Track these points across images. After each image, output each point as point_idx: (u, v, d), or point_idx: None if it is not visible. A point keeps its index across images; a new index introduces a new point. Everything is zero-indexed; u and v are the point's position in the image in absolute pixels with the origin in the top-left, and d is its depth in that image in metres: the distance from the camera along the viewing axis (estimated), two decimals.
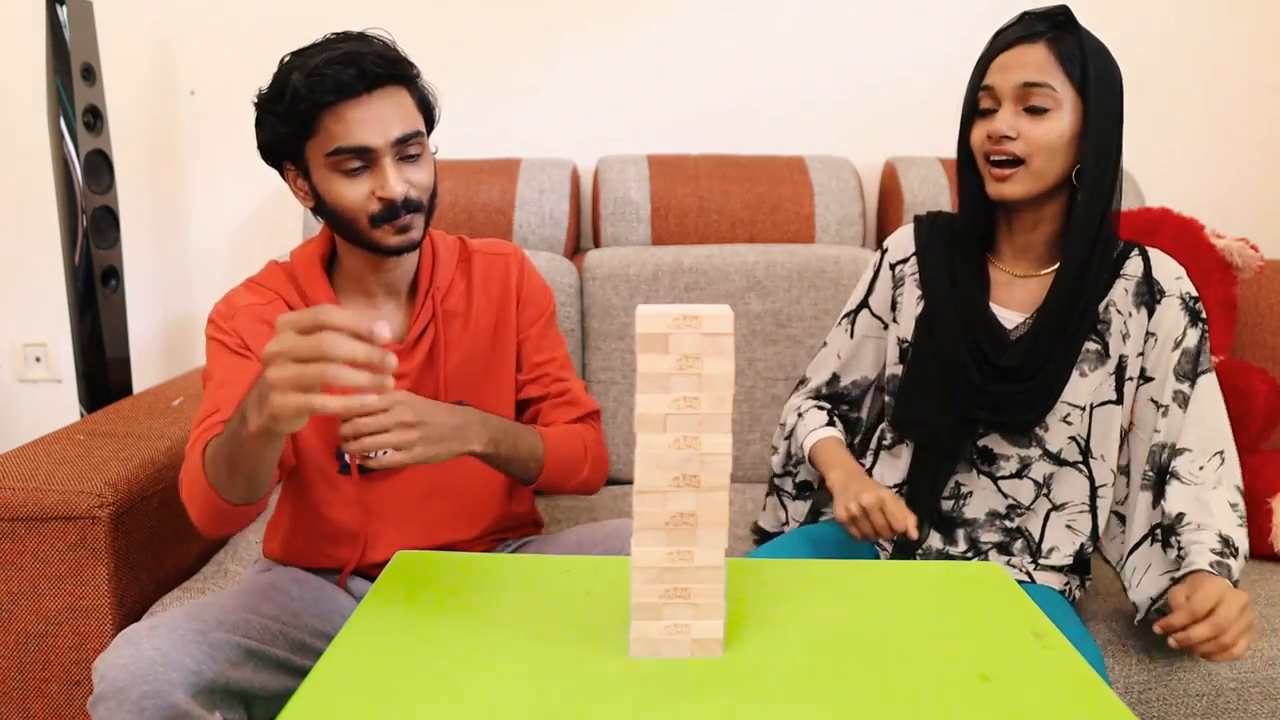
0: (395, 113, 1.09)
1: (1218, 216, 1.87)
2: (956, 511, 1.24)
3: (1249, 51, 2.14)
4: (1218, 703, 1.24)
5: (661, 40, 2.09)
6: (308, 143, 1.09)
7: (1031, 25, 1.13)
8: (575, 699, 0.74)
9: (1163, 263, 1.19)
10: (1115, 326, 1.18)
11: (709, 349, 0.75)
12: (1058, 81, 1.10)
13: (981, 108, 1.16)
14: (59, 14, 1.76)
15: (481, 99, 2.09)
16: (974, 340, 1.19)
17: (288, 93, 1.06)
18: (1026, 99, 1.11)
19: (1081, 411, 1.19)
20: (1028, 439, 1.20)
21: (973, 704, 0.74)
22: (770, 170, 1.97)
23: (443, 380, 1.19)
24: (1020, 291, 1.21)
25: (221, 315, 1.16)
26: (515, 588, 0.94)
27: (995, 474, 1.22)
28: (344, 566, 1.21)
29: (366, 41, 1.10)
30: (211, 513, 1.02)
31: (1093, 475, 1.21)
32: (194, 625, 0.98)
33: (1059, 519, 1.23)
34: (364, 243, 1.12)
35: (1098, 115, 1.11)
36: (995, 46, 1.15)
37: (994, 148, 1.13)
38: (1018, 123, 1.11)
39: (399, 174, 1.09)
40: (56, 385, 2.15)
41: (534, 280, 1.29)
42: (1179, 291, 1.17)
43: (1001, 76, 1.13)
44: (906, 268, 1.29)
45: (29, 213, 2.07)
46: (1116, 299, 1.18)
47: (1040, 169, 1.12)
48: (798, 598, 0.92)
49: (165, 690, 0.92)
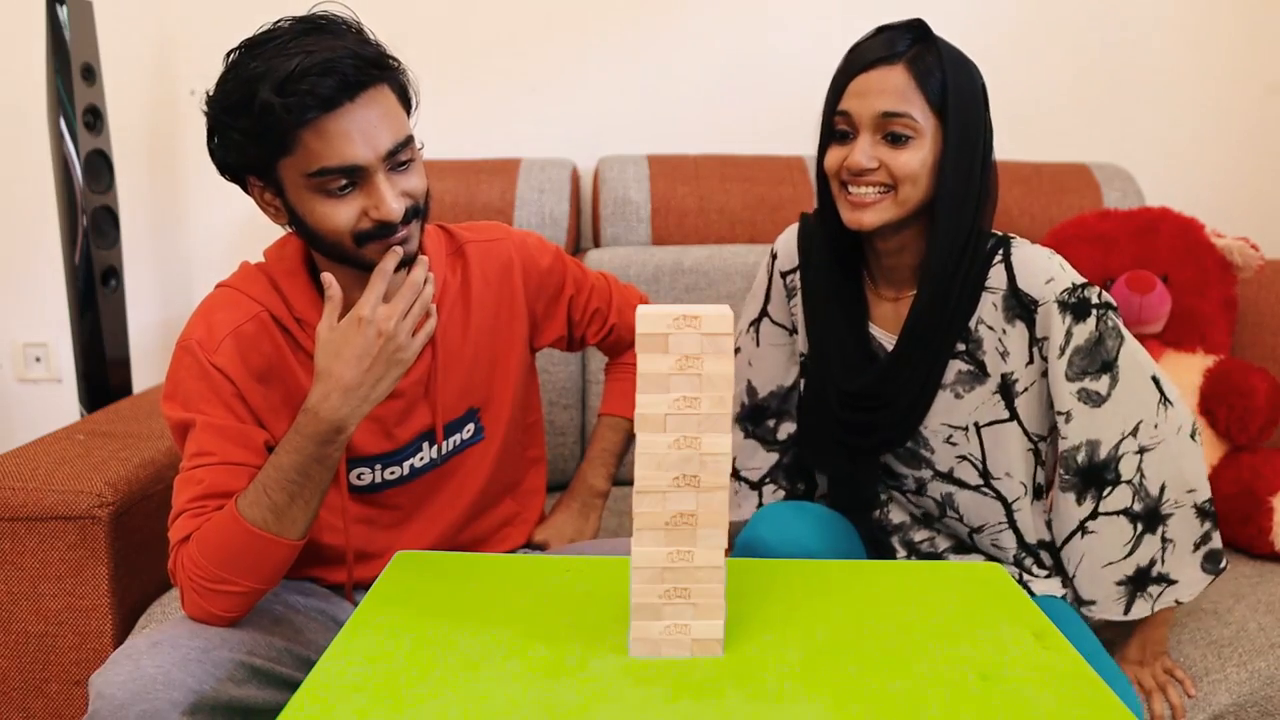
0: (383, 121, 0.97)
1: (1218, 216, 1.86)
2: (884, 519, 1.24)
3: (1249, 51, 2.14)
4: None
5: (661, 40, 2.09)
6: (281, 160, 0.96)
7: (891, 44, 1.07)
8: (575, 699, 0.74)
9: (1028, 267, 1.10)
10: (989, 344, 1.12)
11: (709, 349, 0.75)
12: (918, 109, 1.05)
13: (838, 130, 1.10)
14: (59, 14, 1.76)
15: (481, 99, 2.09)
16: (828, 367, 1.18)
17: (256, 108, 0.92)
18: (886, 128, 1.06)
19: (965, 431, 1.14)
20: (916, 460, 1.17)
21: (973, 704, 0.74)
22: (770, 170, 1.97)
23: (448, 398, 1.14)
24: (894, 314, 1.17)
25: (203, 345, 1.03)
26: (515, 588, 0.94)
27: (901, 488, 1.21)
28: (343, 584, 1.17)
29: (336, 35, 0.97)
30: (276, 569, 0.98)
31: (1001, 494, 1.16)
32: (197, 643, 0.94)
33: (982, 540, 1.20)
34: (350, 261, 1.01)
35: (958, 136, 1.06)
36: (851, 66, 1.09)
37: (854, 179, 1.08)
38: (877, 152, 1.06)
39: (393, 189, 0.98)
40: (56, 385, 2.15)
41: (537, 256, 1.23)
42: (1052, 296, 1.08)
43: (859, 103, 1.07)
44: (794, 279, 1.25)
45: (29, 213, 2.06)
46: (985, 315, 1.11)
47: (905, 197, 1.07)
48: (798, 598, 0.92)
49: (164, 710, 0.88)
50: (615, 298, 1.33)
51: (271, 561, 0.98)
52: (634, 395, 1.18)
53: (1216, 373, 1.61)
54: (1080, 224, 1.76)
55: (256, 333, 1.05)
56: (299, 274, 1.08)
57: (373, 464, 1.12)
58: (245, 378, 1.04)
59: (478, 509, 1.21)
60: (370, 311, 0.96)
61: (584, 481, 1.34)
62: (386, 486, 1.14)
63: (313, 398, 0.97)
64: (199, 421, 1.02)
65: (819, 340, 1.21)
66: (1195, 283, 1.67)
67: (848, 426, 1.19)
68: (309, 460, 0.96)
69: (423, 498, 1.17)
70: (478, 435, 1.19)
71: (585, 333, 1.31)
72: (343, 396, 0.96)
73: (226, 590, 0.97)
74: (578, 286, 1.28)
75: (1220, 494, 1.55)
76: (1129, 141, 2.14)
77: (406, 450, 1.14)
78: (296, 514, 0.97)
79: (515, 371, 1.21)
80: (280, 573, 1.00)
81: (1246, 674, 1.24)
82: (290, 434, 0.98)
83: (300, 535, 0.99)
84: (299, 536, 0.99)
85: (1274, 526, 1.49)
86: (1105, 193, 1.96)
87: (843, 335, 1.17)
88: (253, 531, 0.96)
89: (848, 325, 1.18)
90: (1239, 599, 1.36)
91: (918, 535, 1.23)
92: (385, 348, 0.96)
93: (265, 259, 1.11)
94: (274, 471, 0.97)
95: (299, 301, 1.07)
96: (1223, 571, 1.16)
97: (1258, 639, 1.27)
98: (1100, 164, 2.03)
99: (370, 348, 0.96)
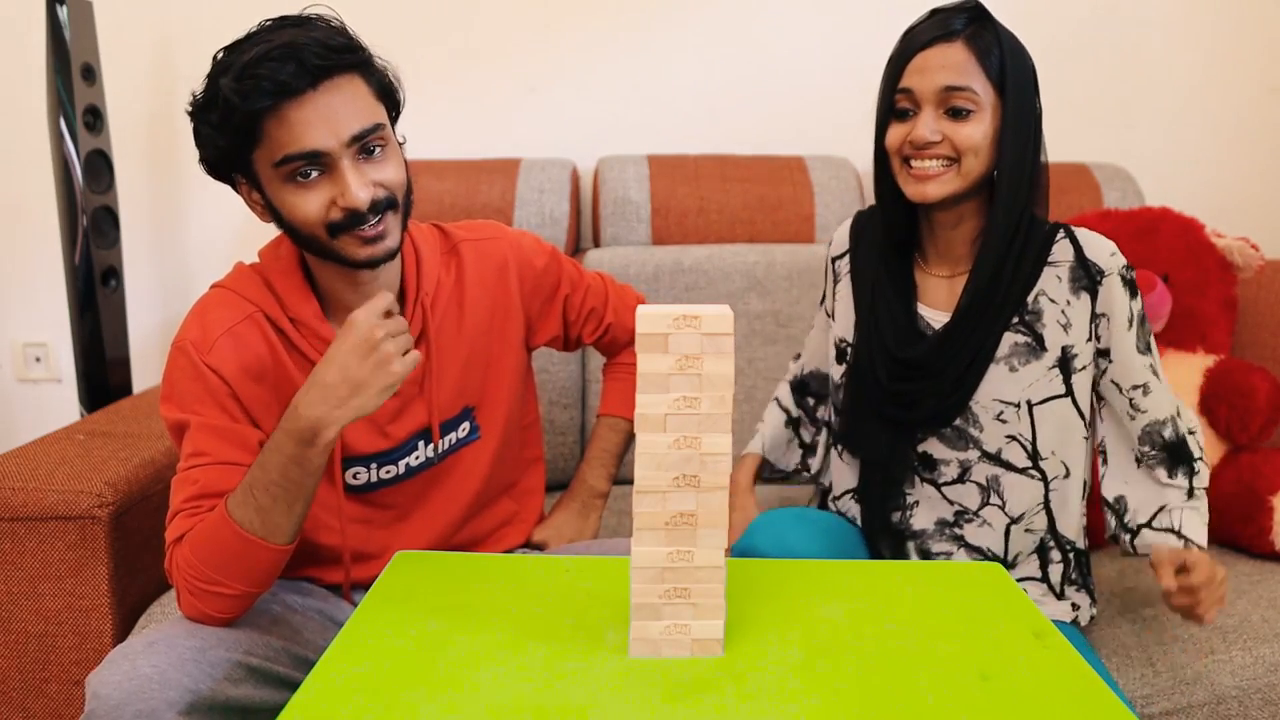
0: (348, 107, 0.96)
1: (1218, 216, 1.86)
2: (904, 523, 1.21)
3: (1249, 52, 2.14)
4: (1219, 710, 1.24)
5: (661, 40, 2.09)
6: (254, 152, 0.98)
7: (947, 22, 1.10)
8: (575, 699, 0.74)
9: (1093, 242, 1.15)
10: (1050, 316, 1.14)
11: (709, 349, 0.75)
12: (978, 83, 1.08)
13: (899, 108, 1.12)
14: (59, 14, 1.76)
15: (481, 99, 2.09)
16: (879, 338, 1.19)
17: (220, 100, 0.94)
18: (948, 102, 1.09)
19: (1017, 409, 1.15)
20: (963, 441, 1.16)
21: (973, 704, 0.74)
22: (770, 170, 1.97)
23: (443, 397, 1.14)
24: (947, 293, 1.19)
25: (197, 346, 1.03)
26: (515, 588, 0.94)
27: (938, 480, 1.19)
28: (340, 584, 1.16)
29: (307, 27, 0.97)
30: (266, 573, 0.98)
31: (1045, 472, 1.17)
32: (193, 643, 0.94)
33: (1018, 530, 1.19)
34: (330, 256, 1.01)
35: (1015, 112, 1.10)
36: (910, 46, 1.12)
37: (918, 153, 1.10)
38: (940, 126, 1.09)
39: (361, 176, 0.97)
40: (56, 385, 2.15)
41: (531, 255, 1.23)
42: (1116, 268, 1.13)
43: (920, 79, 1.10)
44: (842, 264, 1.29)
45: (29, 213, 2.06)
46: (1048, 288, 1.14)
47: (968, 169, 1.10)
48: (798, 598, 0.92)
49: (160, 710, 0.88)
50: (611, 297, 1.33)
51: (260, 566, 0.97)
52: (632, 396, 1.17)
53: (1217, 372, 1.61)
54: (1080, 224, 1.76)
55: (250, 333, 1.05)
56: (293, 273, 1.08)
57: (368, 463, 1.12)
58: (239, 378, 1.04)
59: (475, 508, 1.21)
60: (365, 316, 0.95)
61: (583, 482, 1.34)
62: (382, 485, 1.14)
63: (298, 394, 0.96)
64: (194, 422, 1.02)
65: (869, 315, 1.21)
66: (1195, 283, 1.67)
67: (897, 399, 1.18)
68: (288, 461, 0.95)
69: (419, 497, 1.17)
70: (473, 434, 1.19)
71: (581, 332, 1.31)
72: (320, 394, 0.94)
73: (219, 592, 0.97)
74: (573, 286, 1.28)
75: (1220, 493, 1.55)
76: (1129, 141, 2.15)
77: (402, 449, 1.14)
78: (279, 518, 0.96)
79: (511, 371, 1.21)
80: (271, 577, 0.99)
81: (1251, 658, 1.25)
82: (275, 431, 0.98)
83: (287, 540, 0.98)
84: (285, 542, 0.98)
85: (1274, 526, 1.49)
86: (1105, 193, 1.96)
87: (895, 308, 1.19)
88: (240, 534, 0.95)
89: (900, 301, 1.19)
90: (1240, 595, 1.37)
91: (936, 546, 1.20)
92: (370, 356, 0.94)
93: (260, 259, 1.11)
94: (258, 471, 0.97)
95: (293, 300, 1.06)
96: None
97: (1261, 629, 1.30)
98: (1100, 164, 2.04)
99: (356, 349, 0.94)
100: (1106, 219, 1.74)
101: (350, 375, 0.94)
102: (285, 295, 1.06)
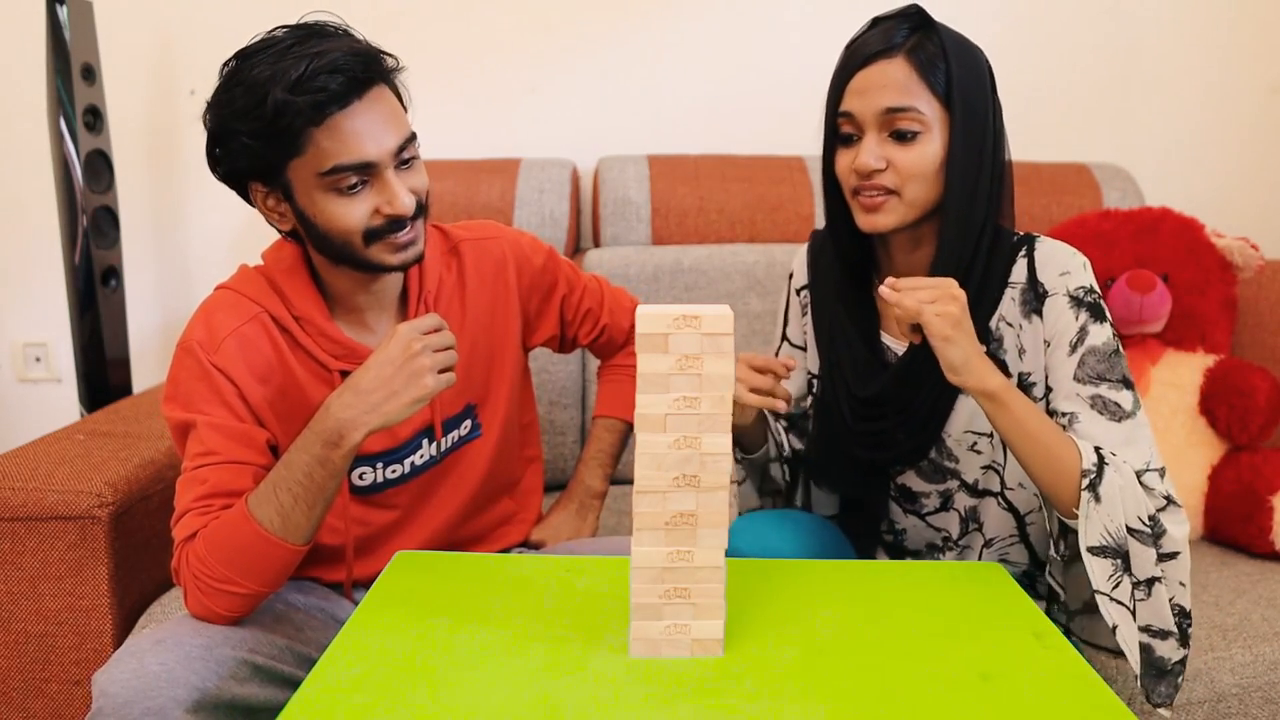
0: (389, 119, 1.00)
1: (1218, 216, 1.86)
2: (898, 544, 1.20)
3: (1249, 51, 2.14)
4: (1219, 708, 1.24)
5: (661, 40, 2.09)
6: (290, 161, 0.99)
7: (888, 35, 1.01)
8: (575, 699, 0.74)
9: (1050, 260, 1.04)
10: (1009, 342, 1.06)
11: (709, 349, 0.75)
12: (923, 101, 1.00)
13: (843, 133, 1.04)
14: (59, 14, 1.76)
15: (481, 99, 2.09)
16: (841, 376, 1.12)
17: (270, 109, 0.94)
18: (891, 125, 1.00)
19: (990, 439, 1.09)
20: (940, 474, 1.12)
21: (973, 704, 0.74)
22: (770, 170, 1.97)
23: (446, 394, 1.14)
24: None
25: (204, 346, 1.04)
26: (515, 588, 0.94)
27: (920, 511, 1.16)
28: (342, 582, 1.17)
29: (335, 38, 0.99)
30: (279, 573, 0.99)
31: (1013, 505, 1.11)
32: (200, 641, 0.94)
33: (990, 555, 1.15)
34: (357, 262, 1.04)
35: (965, 131, 1.00)
36: (851, 63, 1.03)
37: (864, 183, 1.02)
38: (884, 151, 1.01)
39: (403, 185, 1.01)
40: (56, 385, 2.15)
41: (530, 255, 1.24)
42: (1064, 289, 1.03)
43: (861, 101, 1.01)
44: (806, 296, 1.22)
45: (29, 213, 2.06)
46: (1005, 312, 1.06)
47: (914, 197, 1.02)
48: (798, 598, 0.92)
49: (168, 707, 0.88)
50: (607, 300, 1.34)
51: (275, 565, 0.98)
52: (629, 397, 1.15)
53: (1216, 372, 1.62)
54: (1080, 224, 1.76)
55: (256, 334, 1.06)
56: (299, 274, 1.09)
57: (374, 462, 1.13)
58: (246, 378, 1.05)
59: (475, 507, 1.22)
60: (408, 328, 0.98)
61: (581, 482, 1.35)
62: (387, 486, 1.15)
63: (332, 395, 0.99)
64: (201, 422, 1.03)
65: (830, 350, 1.16)
66: (1195, 283, 1.67)
67: (864, 440, 1.13)
68: (314, 461, 0.97)
69: (421, 496, 1.18)
70: (475, 432, 1.20)
71: (577, 333, 1.32)
72: (354, 397, 0.97)
73: (230, 591, 0.97)
74: (570, 286, 1.29)
75: (1220, 493, 1.56)
76: (1129, 141, 2.14)
77: (407, 447, 1.14)
78: (300, 518, 0.97)
79: (510, 369, 1.22)
80: (283, 578, 1.00)
81: (1251, 656, 1.25)
82: (304, 430, 0.99)
83: (304, 541, 0.99)
84: (303, 542, 0.99)
85: (1274, 526, 1.49)
86: (1105, 193, 1.96)
87: (854, 342, 1.13)
88: (260, 532, 0.96)
89: (859, 333, 1.13)
90: (1240, 594, 1.38)
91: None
92: (407, 365, 0.96)
93: (264, 261, 1.12)
94: (283, 469, 0.98)
95: (299, 300, 1.08)
96: None
97: (1261, 627, 1.30)
98: (1100, 164, 2.04)
99: (394, 358, 0.97)
100: (1106, 219, 1.74)
101: (385, 383, 0.96)
102: (292, 296, 1.08)
